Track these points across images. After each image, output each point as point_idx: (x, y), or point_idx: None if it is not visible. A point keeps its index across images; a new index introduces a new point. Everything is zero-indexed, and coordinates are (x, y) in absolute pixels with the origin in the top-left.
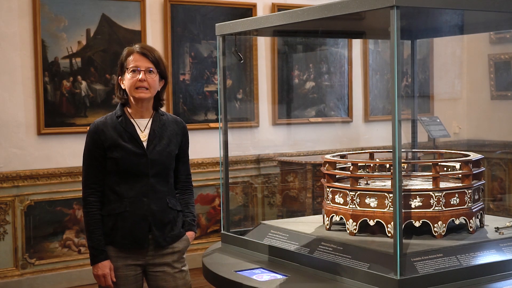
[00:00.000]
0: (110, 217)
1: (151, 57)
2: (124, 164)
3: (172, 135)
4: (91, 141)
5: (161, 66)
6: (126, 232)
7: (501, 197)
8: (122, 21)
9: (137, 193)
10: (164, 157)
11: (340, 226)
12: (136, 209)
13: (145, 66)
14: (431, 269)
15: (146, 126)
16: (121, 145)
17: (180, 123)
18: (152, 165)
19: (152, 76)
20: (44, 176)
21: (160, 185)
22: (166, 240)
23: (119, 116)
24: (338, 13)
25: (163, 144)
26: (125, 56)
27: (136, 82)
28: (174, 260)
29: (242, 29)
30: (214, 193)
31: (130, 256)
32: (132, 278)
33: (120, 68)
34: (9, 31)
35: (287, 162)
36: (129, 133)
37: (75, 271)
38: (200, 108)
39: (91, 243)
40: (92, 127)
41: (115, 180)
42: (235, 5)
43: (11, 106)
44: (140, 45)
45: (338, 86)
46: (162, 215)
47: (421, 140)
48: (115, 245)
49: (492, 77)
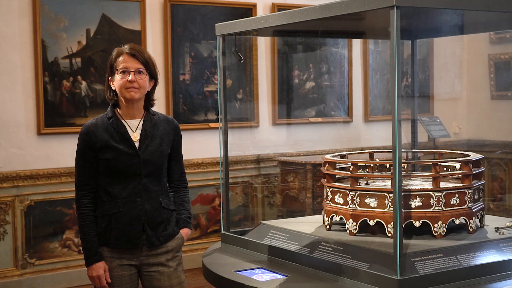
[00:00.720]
0: (104, 218)
1: (140, 58)
2: (116, 165)
3: (163, 134)
4: (83, 143)
5: (150, 67)
6: (120, 233)
7: (501, 197)
8: (122, 21)
9: (130, 194)
10: (156, 156)
11: (340, 226)
12: (129, 209)
13: (135, 67)
14: (431, 269)
15: (138, 127)
16: (113, 146)
17: (172, 122)
18: (145, 165)
19: (142, 77)
20: (44, 176)
21: (153, 185)
22: (160, 239)
23: (110, 117)
24: (338, 13)
25: (155, 143)
26: (115, 57)
27: (126, 82)
28: (168, 258)
29: (242, 29)
30: (214, 193)
31: (124, 256)
32: (127, 278)
33: (109, 69)
34: (9, 31)
35: (287, 162)
36: (120, 134)
37: (75, 271)
38: (200, 108)
39: (85, 245)
40: (83, 129)
41: (107, 181)
42: (235, 5)
43: (11, 106)
44: (130, 46)
45: (338, 86)
46: (156, 214)
47: (421, 140)
48: (109, 245)
49: (492, 77)
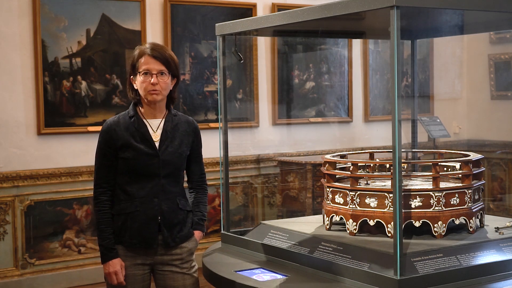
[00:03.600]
0: (119, 216)
1: (162, 59)
2: (135, 164)
3: (183, 135)
4: (103, 140)
5: (172, 66)
6: (135, 232)
7: (501, 197)
8: (122, 21)
9: (147, 193)
10: (176, 158)
11: (340, 226)
12: (146, 209)
13: (157, 69)
14: (431, 269)
15: (159, 127)
16: (133, 145)
17: (192, 124)
18: (164, 166)
19: (164, 79)
20: (44, 176)
21: (171, 186)
22: (175, 240)
23: (132, 116)
24: (338, 13)
25: (175, 145)
26: (137, 57)
27: (148, 85)
28: (182, 259)
29: (242, 29)
30: (214, 193)
31: (138, 256)
32: (139, 277)
33: (131, 69)
34: (9, 31)
35: (287, 162)
36: (141, 133)
37: (75, 271)
38: (200, 108)
39: (102, 242)
40: (105, 126)
41: (126, 180)
42: (235, 5)
43: (11, 106)
44: (151, 46)
45: (338, 86)
46: (172, 215)
47: (421, 140)
48: (124, 244)
49: (492, 77)
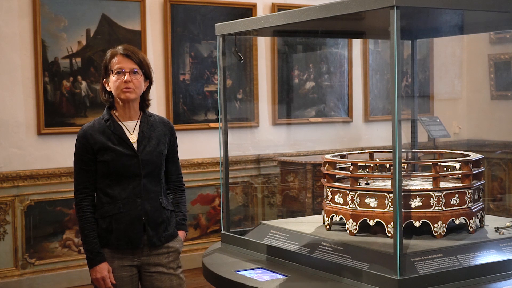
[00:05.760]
0: (104, 220)
1: (135, 58)
2: (115, 166)
3: (160, 135)
4: (80, 146)
5: (145, 67)
6: (120, 233)
7: (501, 197)
8: (122, 21)
9: (130, 194)
10: (155, 157)
11: (340, 226)
12: (130, 210)
13: (130, 67)
14: (431, 269)
15: (135, 128)
16: (111, 148)
17: (167, 124)
18: (144, 166)
19: (137, 77)
20: (44, 176)
21: (152, 185)
22: (161, 240)
23: (107, 119)
24: (338, 13)
25: (153, 144)
26: (109, 58)
27: (121, 83)
28: (169, 260)
29: (242, 29)
30: (214, 193)
31: (125, 257)
32: (127, 279)
33: (104, 71)
34: (9, 31)
35: (287, 162)
36: (118, 136)
37: (75, 271)
38: (200, 108)
39: (87, 247)
40: (81, 132)
41: (107, 183)
42: (235, 5)
43: (11, 106)
44: (123, 47)
45: (338, 86)
46: (156, 215)
47: (421, 140)
48: (110, 246)
49: (492, 77)
